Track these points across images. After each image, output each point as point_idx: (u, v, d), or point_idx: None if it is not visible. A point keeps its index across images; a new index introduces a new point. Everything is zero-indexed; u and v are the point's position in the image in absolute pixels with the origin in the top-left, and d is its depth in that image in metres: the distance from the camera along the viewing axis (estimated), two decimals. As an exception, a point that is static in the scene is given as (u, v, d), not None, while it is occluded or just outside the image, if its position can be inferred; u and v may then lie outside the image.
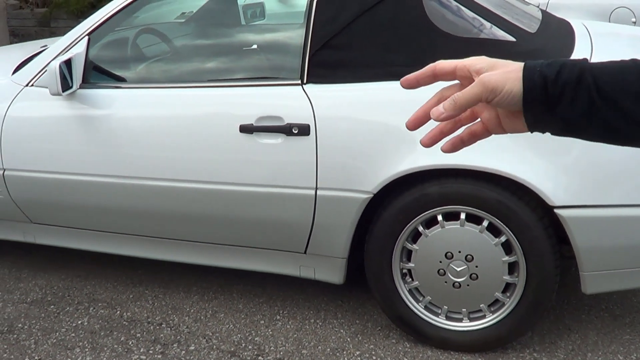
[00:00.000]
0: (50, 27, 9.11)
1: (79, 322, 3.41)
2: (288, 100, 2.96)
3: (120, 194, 3.27)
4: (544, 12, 3.45)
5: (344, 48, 2.90)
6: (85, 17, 3.52)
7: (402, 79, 1.04)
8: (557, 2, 5.47)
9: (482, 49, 2.76)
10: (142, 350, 3.16)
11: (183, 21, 4.21)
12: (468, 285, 2.91)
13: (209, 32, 3.73)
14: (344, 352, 3.10)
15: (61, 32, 8.37)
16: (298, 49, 3.02)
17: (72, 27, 3.49)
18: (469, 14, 2.89)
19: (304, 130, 2.90)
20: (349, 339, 3.19)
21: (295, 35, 3.19)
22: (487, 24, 2.86)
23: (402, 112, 2.79)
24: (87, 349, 3.18)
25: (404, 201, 2.87)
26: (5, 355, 3.15)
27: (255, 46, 3.46)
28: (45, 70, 3.33)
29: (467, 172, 2.79)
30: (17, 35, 9.35)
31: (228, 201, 3.09)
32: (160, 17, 4.14)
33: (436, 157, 2.76)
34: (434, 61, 1.05)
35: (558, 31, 3.15)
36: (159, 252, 3.47)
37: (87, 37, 3.32)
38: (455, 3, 2.91)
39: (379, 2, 2.86)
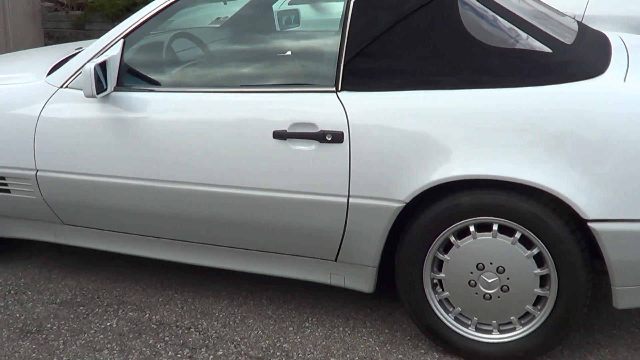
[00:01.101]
0: (85, 30, 9.18)
1: (108, 324, 3.42)
2: (322, 108, 2.95)
3: (151, 197, 3.28)
4: (580, 24, 3.43)
5: (379, 56, 2.89)
6: (120, 21, 3.55)
7: None
8: (594, 14, 5.43)
9: (518, 60, 2.75)
10: (170, 353, 3.16)
11: (218, 26, 4.23)
12: (499, 297, 2.88)
13: (244, 38, 3.74)
14: (372, 361, 3.10)
15: (96, 35, 8.44)
16: (333, 56, 3.02)
17: (107, 30, 3.52)
18: (506, 24, 2.87)
19: (337, 137, 2.90)
20: (377, 348, 3.18)
21: (330, 43, 3.19)
22: (524, 35, 2.84)
23: (436, 121, 2.78)
24: (115, 351, 3.19)
25: (436, 211, 2.86)
26: (34, 355, 3.17)
27: (289, 52, 3.46)
28: (80, 73, 3.35)
29: (500, 183, 2.77)
30: (52, 37, 9.44)
31: (260, 207, 3.09)
32: (195, 21, 4.17)
33: (469, 168, 2.74)
34: (469, 71, 1.02)
35: (594, 43, 3.13)
36: (189, 256, 3.48)
37: (122, 40, 3.34)
38: (491, 13, 2.89)
39: (415, 11, 2.85)
